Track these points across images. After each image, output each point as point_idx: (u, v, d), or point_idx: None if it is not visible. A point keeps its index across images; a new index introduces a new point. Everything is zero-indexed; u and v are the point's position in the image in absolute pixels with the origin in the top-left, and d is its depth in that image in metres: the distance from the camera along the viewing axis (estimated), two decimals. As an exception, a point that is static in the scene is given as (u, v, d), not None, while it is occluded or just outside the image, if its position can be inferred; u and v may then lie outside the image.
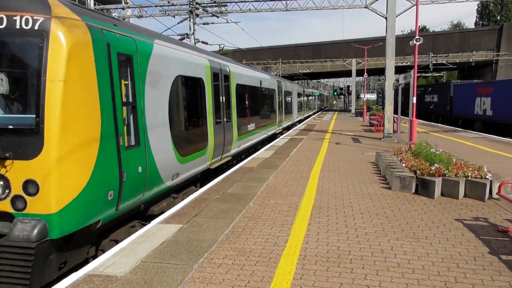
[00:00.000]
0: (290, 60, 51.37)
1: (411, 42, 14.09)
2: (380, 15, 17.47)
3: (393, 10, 16.86)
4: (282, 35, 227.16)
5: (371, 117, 26.14)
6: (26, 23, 4.50)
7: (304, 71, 51.27)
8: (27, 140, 4.43)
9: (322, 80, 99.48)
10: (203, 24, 23.75)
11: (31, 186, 4.41)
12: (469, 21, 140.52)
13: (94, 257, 5.48)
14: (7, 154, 4.41)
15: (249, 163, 11.49)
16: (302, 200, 7.24)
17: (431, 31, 71.57)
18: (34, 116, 4.43)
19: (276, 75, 37.33)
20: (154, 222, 6.09)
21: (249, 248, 4.98)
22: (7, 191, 4.48)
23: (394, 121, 17.73)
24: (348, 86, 57.80)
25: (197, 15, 22.53)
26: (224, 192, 7.92)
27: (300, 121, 33.42)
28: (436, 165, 7.72)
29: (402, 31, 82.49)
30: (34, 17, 4.49)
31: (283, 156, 12.74)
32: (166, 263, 4.49)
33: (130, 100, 5.97)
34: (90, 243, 5.39)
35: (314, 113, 51.64)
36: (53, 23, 4.50)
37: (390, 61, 17.00)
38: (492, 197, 7.15)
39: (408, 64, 43.83)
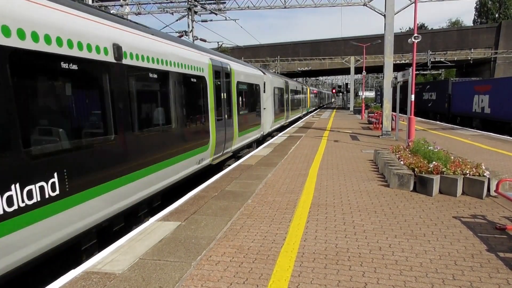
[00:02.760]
0: (288, 57, 51.31)
1: (409, 40, 14.09)
2: (378, 12, 17.45)
3: (391, 8, 16.84)
4: (280, 33, 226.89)
5: (370, 114, 26.12)
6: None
7: (303, 69, 51.19)
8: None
9: (320, 78, 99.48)
10: (202, 21, 23.70)
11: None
12: (468, 19, 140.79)
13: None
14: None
15: (247, 160, 11.48)
16: (301, 198, 7.24)
17: (430, 29, 71.59)
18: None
19: (275, 72, 37.26)
20: (152, 219, 6.09)
21: (247, 246, 4.98)
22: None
23: (392, 119, 17.74)
24: (347, 84, 57.79)
25: (195, 12, 22.46)
26: (222, 189, 7.92)
27: (297, 119, 33.51)
28: (434, 162, 7.73)
29: (400, 29, 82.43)
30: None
31: (281, 153, 12.74)
32: (164, 261, 4.49)
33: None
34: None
35: (312, 111, 51.68)
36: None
37: (389, 59, 17.00)
38: (490, 194, 7.17)
39: (406, 61, 43.83)
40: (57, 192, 4.52)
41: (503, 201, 6.81)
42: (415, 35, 13.83)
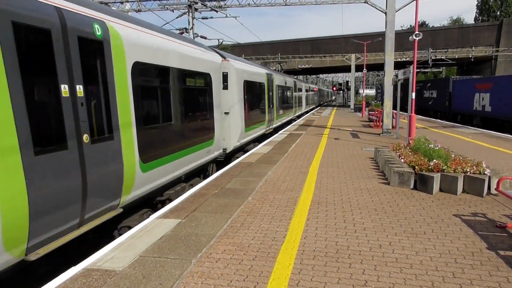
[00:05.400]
0: (289, 55, 51.22)
1: (410, 38, 14.05)
2: (379, 10, 17.40)
3: (392, 5, 16.79)
4: (281, 30, 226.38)
5: (370, 112, 26.12)
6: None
7: (303, 66, 51.10)
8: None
9: (321, 76, 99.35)
10: (202, 18, 23.63)
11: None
12: (469, 16, 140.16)
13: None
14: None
15: (247, 158, 11.48)
16: (301, 195, 7.24)
17: (431, 26, 71.40)
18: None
19: (275, 70, 37.21)
20: (152, 216, 6.09)
21: (247, 243, 4.99)
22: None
23: (393, 117, 17.72)
24: (347, 82, 57.71)
25: (196, 10, 22.41)
26: (222, 187, 7.92)
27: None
28: (434, 160, 7.72)
29: (401, 27, 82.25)
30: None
31: (281, 151, 12.73)
32: (164, 258, 4.50)
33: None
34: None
35: (313, 108, 51.67)
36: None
37: (389, 57, 16.96)
38: (491, 192, 7.17)
39: (407, 59, 43.72)
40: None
41: (503, 199, 6.81)
42: (416, 32, 13.80)
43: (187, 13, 22.44)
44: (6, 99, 3.83)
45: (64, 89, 4.68)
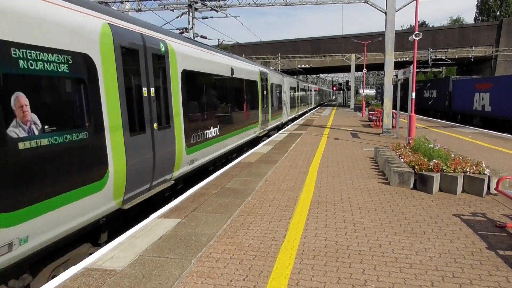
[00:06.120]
0: (289, 55, 51.22)
1: (410, 37, 14.05)
2: (379, 10, 17.40)
3: (392, 5, 16.79)
4: (281, 30, 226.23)
5: (370, 112, 26.11)
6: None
7: (303, 66, 51.10)
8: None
9: (321, 75, 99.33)
10: (202, 18, 23.61)
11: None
12: (469, 16, 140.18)
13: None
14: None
15: (247, 158, 11.48)
16: (301, 195, 7.25)
17: (431, 26, 71.39)
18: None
19: (275, 69, 37.20)
20: (152, 216, 6.09)
21: (247, 243, 4.99)
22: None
23: (393, 117, 17.72)
24: (347, 81, 57.68)
25: (196, 9, 22.40)
26: (222, 186, 7.92)
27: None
28: (434, 160, 7.73)
29: (401, 27, 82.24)
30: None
31: (281, 151, 12.74)
32: (164, 257, 4.50)
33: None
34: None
35: (313, 108, 51.68)
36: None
37: (389, 56, 16.96)
38: (490, 192, 7.17)
39: (407, 59, 43.72)
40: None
41: (503, 199, 6.81)
42: (416, 32, 13.80)
43: (187, 12, 22.43)
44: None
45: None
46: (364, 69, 36.69)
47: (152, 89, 6.84)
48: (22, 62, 4.00)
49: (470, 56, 45.43)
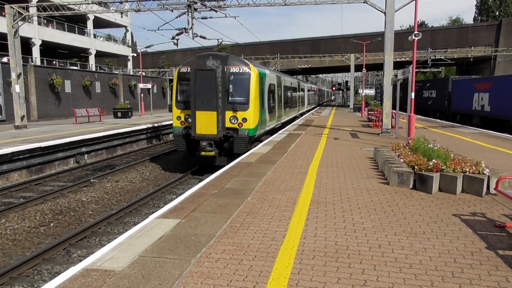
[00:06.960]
0: (288, 55, 51.26)
1: (410, 37, 14.07)
2: (379, 10, 17.41)
3: (392, 5, 16.80)
4: (280, 30, 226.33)
5: (370, 112, 26.12)
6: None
7: (303, 66, 51.15)
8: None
9: (320, 75, 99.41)
10: (202, 18, 23.59)
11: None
12: (468, 16, 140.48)
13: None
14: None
15: (247, 158, 11.48)
16: (300, 195, 7.25)
17: (430, 26, 71.44)
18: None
19: (275, 70, 37.25)
20: (152, 217, 6.09)
21: (247, 243, 4.99)
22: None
23: (392, 117, 17.74)
24: (347, 82, 57.74)
25: (195, 9, 22.38)
26: (222, 187, 7.92)
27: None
28: (434, 160, 7.72)
29: (401, 27, 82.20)
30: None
31: (281, 151, 12.74)
32: (164, 258, 4.49)
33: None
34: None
35: (313, 108, 51.75)
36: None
37: (389, 56, 16.98)
38: (490, 192, 7.17)
39: (406, 59, 43.76)
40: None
41: (502, 199, 6.81)
42: (416, 32, 13.81)
43: (186, 13, 22.41)
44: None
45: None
46: (364, 69, 36.75)
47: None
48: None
49: (469, 56, 45.53)
